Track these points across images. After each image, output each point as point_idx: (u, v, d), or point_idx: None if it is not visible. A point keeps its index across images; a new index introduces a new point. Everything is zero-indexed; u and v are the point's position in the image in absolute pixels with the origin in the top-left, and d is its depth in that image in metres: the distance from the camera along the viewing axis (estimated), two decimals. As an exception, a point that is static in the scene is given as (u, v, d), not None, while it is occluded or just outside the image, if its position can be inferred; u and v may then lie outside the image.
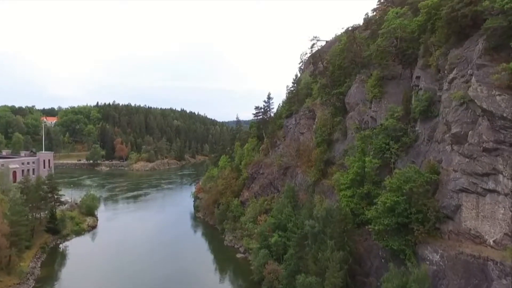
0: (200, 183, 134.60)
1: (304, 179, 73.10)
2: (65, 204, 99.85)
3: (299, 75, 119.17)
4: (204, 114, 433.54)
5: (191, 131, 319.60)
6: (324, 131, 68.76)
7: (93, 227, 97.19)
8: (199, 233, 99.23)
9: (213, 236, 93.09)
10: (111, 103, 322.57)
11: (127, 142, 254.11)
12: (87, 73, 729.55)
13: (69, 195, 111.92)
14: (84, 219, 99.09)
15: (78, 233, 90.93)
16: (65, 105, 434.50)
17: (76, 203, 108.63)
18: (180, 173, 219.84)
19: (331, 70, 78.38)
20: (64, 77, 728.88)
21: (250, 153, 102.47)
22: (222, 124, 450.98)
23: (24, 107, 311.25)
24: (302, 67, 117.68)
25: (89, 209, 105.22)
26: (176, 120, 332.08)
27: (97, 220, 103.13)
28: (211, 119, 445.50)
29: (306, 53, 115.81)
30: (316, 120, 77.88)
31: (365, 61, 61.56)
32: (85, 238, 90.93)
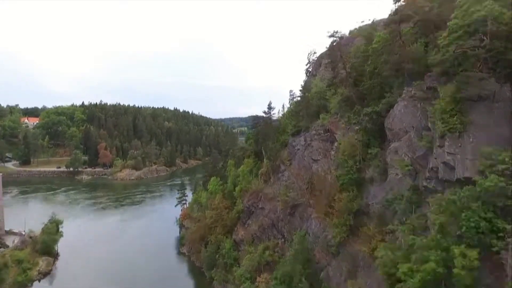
0: (187, 205, 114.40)
1: (321, 229, 52.83)
2: (13, 241, 79.29)
3: (306, 78, 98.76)
4: (199, 113, 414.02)
5: (183, 133, 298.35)
6: (351, 165, 48.40)
7: (45, 273, 76.42)
8: (182, 279, 78.77)
9: (199, 287, 73.04)
10: (97, 103, 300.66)
11: (113, 147, 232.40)
12: (86, 70, 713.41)
13: (26, 223, 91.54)
14: (37, 261, 78.46)
15: (23, 285, 70.19)
16: (63, 102, 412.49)
17: (31, 237, 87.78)
18: (169, 182, 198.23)
19: (355, 77, 58.30)
20: (64, 75, 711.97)
21: (247, 177, 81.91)
22: (218, 123, 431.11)
23: (5, 106, 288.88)
24: (311, 69, 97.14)
25: (46, 246, 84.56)
26: (168, 121, 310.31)
27: (54, 261, 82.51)
28: (206, 117, 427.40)
29: (314, 53, 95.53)
30: (336, 145, 57.55)
31: (419, 69, 41.20)
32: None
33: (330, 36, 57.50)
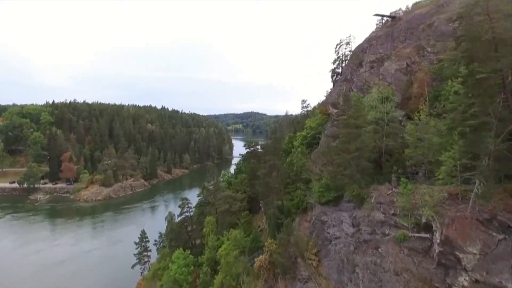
0: (149, 265, 77.92)
1: None
2: None
3: (334, 86, 62.11)
4: (190, 111, 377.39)
5: (168, 138, 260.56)
6: None
7: None
8: None
9: None
10: (70, 101, 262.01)
11: (80, 156, 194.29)
12: (85, 65, 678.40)
13: None
14: None
15: None
16: (60, 97, 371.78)
17: None
18: (147, 204, 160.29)
19: None
20: (59, 68, 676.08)
21: (232, 266, 45.02)
22: (210, 122, 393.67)
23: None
24: (341, 71, 60.25)
25: None
26: (151, 123, 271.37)
27: None
28: (198, 114, 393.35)
29: (347, 43, 59.37)
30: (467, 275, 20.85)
31: None
32: None
33: None
